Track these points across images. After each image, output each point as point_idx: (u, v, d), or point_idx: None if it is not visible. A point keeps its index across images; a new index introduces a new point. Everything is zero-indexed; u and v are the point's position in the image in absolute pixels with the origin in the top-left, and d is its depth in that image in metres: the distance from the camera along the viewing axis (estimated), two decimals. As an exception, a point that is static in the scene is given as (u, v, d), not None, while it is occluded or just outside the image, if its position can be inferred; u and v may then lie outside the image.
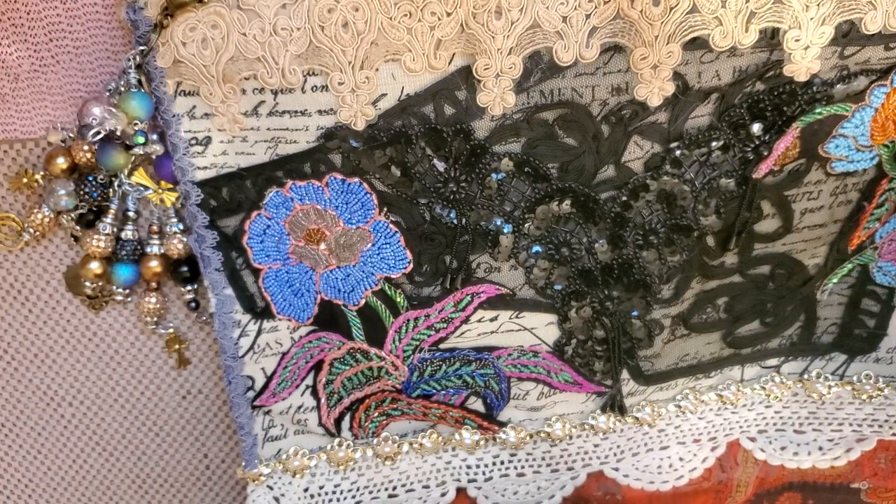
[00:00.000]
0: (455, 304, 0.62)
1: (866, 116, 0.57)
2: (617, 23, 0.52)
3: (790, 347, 0.71)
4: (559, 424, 0.70)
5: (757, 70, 0.54)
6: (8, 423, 0.69)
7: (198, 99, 0.54)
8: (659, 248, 0.61)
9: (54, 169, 0.58)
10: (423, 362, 0.65)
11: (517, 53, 0.52)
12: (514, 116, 0.55)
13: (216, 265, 0.60)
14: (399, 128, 0.55)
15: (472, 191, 0.58)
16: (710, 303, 0.66)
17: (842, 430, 0.73)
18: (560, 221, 0.60)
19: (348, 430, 0.69)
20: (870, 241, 0.65)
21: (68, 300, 0.64)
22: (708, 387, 0.72)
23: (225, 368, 0.63)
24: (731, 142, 0.58)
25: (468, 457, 0.71)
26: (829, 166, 0.60)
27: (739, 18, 0.51)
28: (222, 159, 0.57)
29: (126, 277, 0.61)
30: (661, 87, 0.54)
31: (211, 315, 0.63)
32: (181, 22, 0.51)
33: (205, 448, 0.72)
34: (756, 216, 0.61)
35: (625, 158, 0.58)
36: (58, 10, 0.53)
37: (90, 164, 0.57)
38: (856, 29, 0.53)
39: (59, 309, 0.65)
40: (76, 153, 0.57)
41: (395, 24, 0.51)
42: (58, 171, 0.58)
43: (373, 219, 0.58)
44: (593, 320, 0.64)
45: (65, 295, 0.64)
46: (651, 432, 0.72)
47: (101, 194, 0.59)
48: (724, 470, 0.75)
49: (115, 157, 0.57)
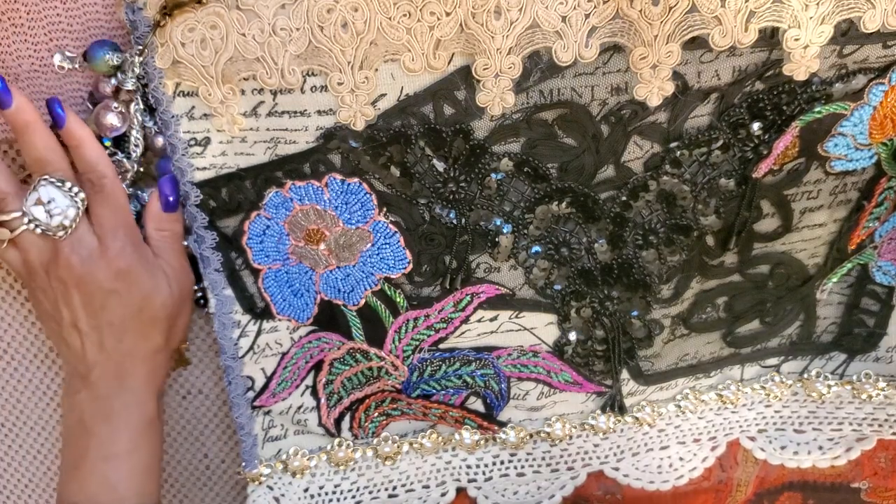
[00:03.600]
0: (455, 305, 0.62)
1: (865, 115, 0.57)
2: (616, 22, 0.52)
3: (790, 347, 0.71)
4: (559, 424, 0.70)
5: (756, 69, 0.54)
6: (8, 423, 0.69)
7: (197, 99, 0.54)
8: (659, 247, 0.61)
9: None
10: (423, 362, 0.65)
11: (516, 53, 0.52)
12: (514, 116, 0.55)
13: (216, 266, 0.60)
14: (398, 128, 0.55)
15: (472, 191, 0.58)
16: (710, 302, 0.66)
17: (842, 429, 0.73)
18: (560, 221, 0.60)
19: (348, 430, 0.69)
20: (869, 240, 0.65)
21: (68, 301, 0.64)
22: (708, 386, 0.72)
23: (225, 369, 0.63)
24: (731, 141, 0.58)
25: (468, 457, 0.71)
26: (829, 165, 0.60)
27: (739, 18, 0.51)
28: (221, 160, 0.57)
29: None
30: (661, 87, 0.54)
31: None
32: (180, 22, 0.51)
33: (205, 448, 0.72)
34: (756, 216, 0.61)
35: (624, 158, 0.58)
36: (58, 9, 0.53)
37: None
38: (854, 27, 0.53)
39: (58, 309, 0.65)
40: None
41: (395, 24, 0.51)
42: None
43: (372, 219, 0.58)
44: (593, 320, 0.64)
45: (65, 295, 0.64)
46: (651, 432, 0.72)
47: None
48: (724, 469, 0.75)
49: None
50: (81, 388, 0.58)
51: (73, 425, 0.59)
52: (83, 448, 0.58)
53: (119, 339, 0.57)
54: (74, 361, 0.58)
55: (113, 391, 0.58)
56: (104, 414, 0.58)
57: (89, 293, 0.56)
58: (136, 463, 0.58)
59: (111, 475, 0.57)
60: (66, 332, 0.57)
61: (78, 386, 0.58)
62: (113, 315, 0.56)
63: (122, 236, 0.56)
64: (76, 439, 0.59)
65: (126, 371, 0.58)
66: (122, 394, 0.58)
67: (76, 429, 0.58)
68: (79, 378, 0.58)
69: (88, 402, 0.58)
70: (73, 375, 0.59)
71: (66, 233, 0.55)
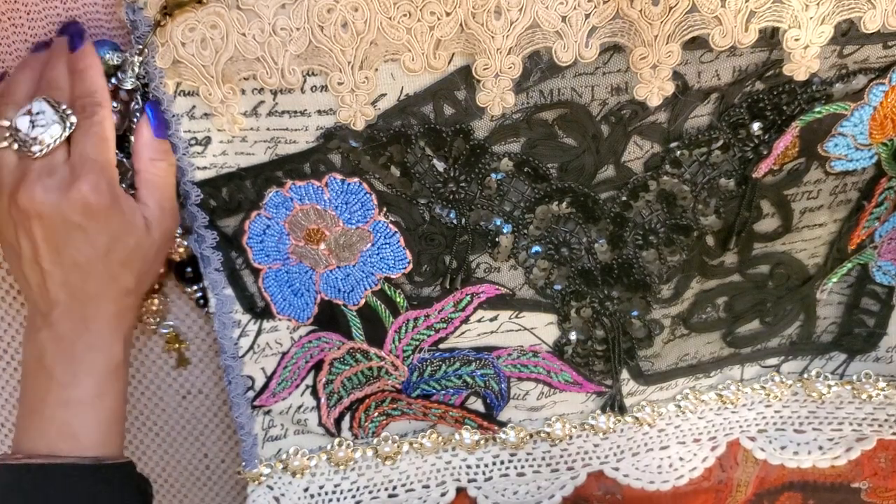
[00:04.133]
0: (455, 305, 0.62)
1: (865, 115, 0.57)
2: (616, 22, 0.52)
3: (790, 347, 0.71)
4: (559, 424, 0.70)
5: (756, 69, 0.54)
6: (8, 423, 0.69)
7: (197, 99, 0.54)
8: (659, 247, 0.61)
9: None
10: (423, 362, 0.65)
11: (516, 53, 0.52)
12: (514, 116, 0.55)
13: (216, 265, 0.60)
14: (398, 128, 0.55)
15: (472, 191, 0.58)
16: (710, 302, 0.66)
17: (842, 429, 0.73)
18: (560, 221, 0.60)
19: (348, 429, 0.69)
20: (869, 240, 0.66)
21: (68, 300, 0.64)
22: (708, 386, 0.72)
23: (225, 368, 0.63)
24: (731, 141, 0.58)
25: (468, 457, 0.71)
26: (829, 165, 0.60)
27: (739, 18, 0.51)
28: (222, 159, 0.57)
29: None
30: (661, 87, 0.54)
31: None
32: (180, 22, 0.51)
33: (205, 448, 0.72)
34: (756, 216, 0.61)
35: (624, 158, 0.58)
36: (58, 9, 0.53)
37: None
38: (855, 28, 0.53)
39: (59, 309, 0.65)
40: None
41: (395, 24, 0.51)
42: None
43: (372, 219, 0.58)
44: (593, 320, 0.64)
45: (65, 295, 0.64)
46: (651, 432, 0.72)
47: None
48: (724, 469, 0.75)
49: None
50: (42, 326, 0.54)
51: (33, 366, 0.55)
52: (42, 391, 0.54)
53: (84, 279, 0.53)
54: (35, 298, 0.54)
55: (76, 333, 0.54)
56: (66, 356, 0.54)
57: (52, 227, 0.51)
58: (99, 410, 0.55)
59: (73, 422, 0.54)
60: (26, 266, 0.53)
61: (39, 324, 0.54)
62: (78, 253, 0.52)
63: (97, 171, 0.51)
64: (35, 381, 0.55)
65: (90, 313, 0.54)
66: (86, 336, 0.54)
67: (35, 369, 0.55)
68: (40, 316, 0.54)
69: (50, 342, 0.54)
70: (35, 313, 0.55)
71: (41, 150, 0.51)
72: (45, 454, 0.53)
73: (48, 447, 0.53)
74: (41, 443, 0.53)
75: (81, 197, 0.51)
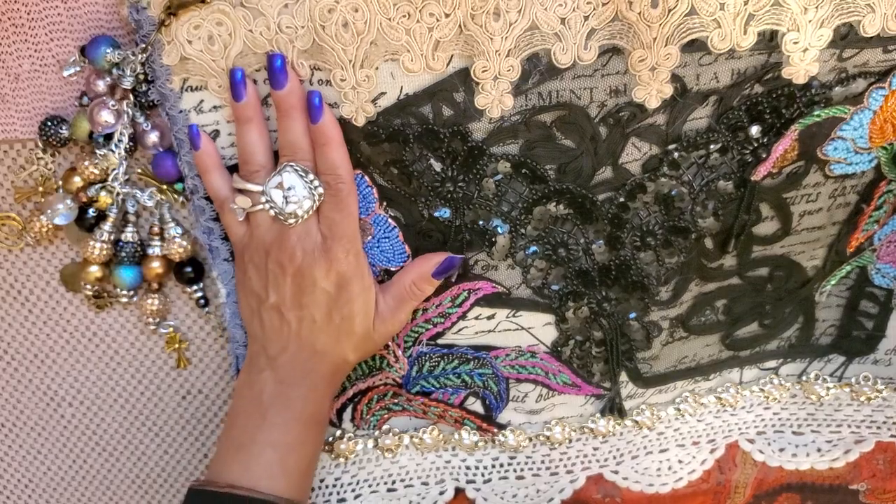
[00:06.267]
0: (452, 300, 0.62)
1: (865, 119, 0.57)
2: (615, 25, 0.52)
3: (789, 349, 0.71)
4: (558, 428, 0.70)
5: (755, 72, 0.55)
6: (8, 423, 0.69)
7: (205, 93, 0.55)
8: (656, 249, 0.61)
9: (70, 187, 0.58)
10: (422, 356, 0.65)
11: (515, 55, 0.52)
12: (512, 118, 0.55)
13: (225, 255, 0.61)
14: (398, 126, 0.55)
15: (470, 191, 0.58)
16: (709, 305, 0.66)
17: (840, 431, 0.73)
18: (557, 222, 0.60)
19: (350, 420, 0.69)
20: (868, 243, 0.66)
21: (68, 300, 0.64)
22: (707, 389, 0.72)
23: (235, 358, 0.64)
24: (730, 144, 0.58)
25: (467, 457, 0.71)
26: (828, 168, 0.60)
27: (738, 21, 0.51)
28: (230, 152, 0.57)
29: (129, 280, 0.61)
30: (660, 90, 0.54)
31: (218, 306, 0.64)
32: (185, 21, 0.51)
33: (205, 448, 0.72)
34: (754, 218, 0.61)
35: (622, 160, 0.58)
36: (58, 9, 0.53)
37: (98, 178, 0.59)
38: (854, 31, 0.53)
39: (59, 309, 0.65)
40: (82, 170, 0.58)
41: (394, 25, 0.51)
42: (73, 189, 0.58)
43: (373, 212, 0.59)
44: (591, 321, 0.64)
45: (65, 295, 0.64)
46: (650, 435, 0.72)
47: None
48: (722, 472, 0.75)
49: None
50: (266, 367, 0.58)
51: (248, 403, 0.58)
52: (253, 429, 0.57)
53: (316, 335, 0.57)
54: (265, 341, 0.58)
55: (296, 380, 0.58)
56: (283, 400, 0.57)
57: (303, 285, 0.56)
58: (301, 457, 0.58)
59: (277, 463, 0.57)
60: (266, 311, 0.57)
61: (263, 365, 0.58)
62: (317, 311, 0.57)
63: (346, 243, 0.56)
64: (247, 418, 0.58)
65: (312, 366, 0.58)
66: (304, 386, 0.58)
67: (250, 407, 0.58)
68: (265, 358, 0.58)
69: (270, 383, 0.57)
70: (259, 355, 0.59)
71: (297, 221, 0.55)
72: (247, 488, 0.55)
73: (250, 482, 0.56)
74: (244, 477, 0.56)
75: (334, 264, 0.56)
